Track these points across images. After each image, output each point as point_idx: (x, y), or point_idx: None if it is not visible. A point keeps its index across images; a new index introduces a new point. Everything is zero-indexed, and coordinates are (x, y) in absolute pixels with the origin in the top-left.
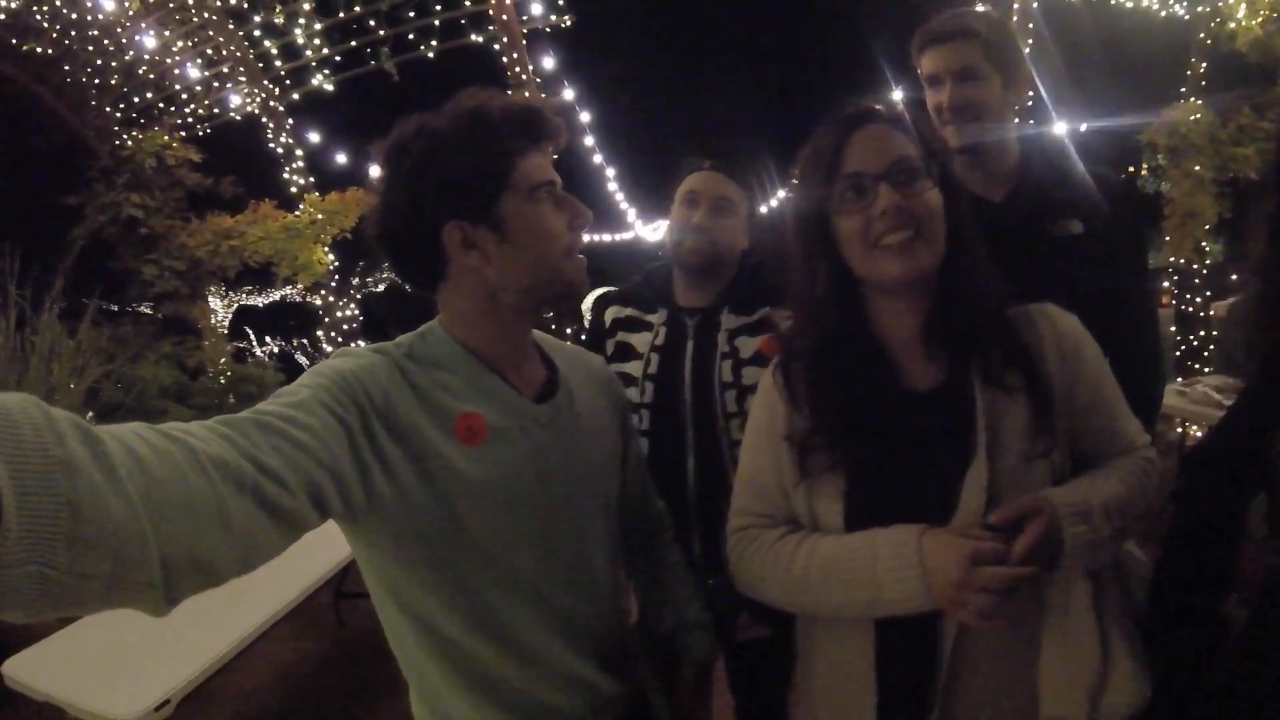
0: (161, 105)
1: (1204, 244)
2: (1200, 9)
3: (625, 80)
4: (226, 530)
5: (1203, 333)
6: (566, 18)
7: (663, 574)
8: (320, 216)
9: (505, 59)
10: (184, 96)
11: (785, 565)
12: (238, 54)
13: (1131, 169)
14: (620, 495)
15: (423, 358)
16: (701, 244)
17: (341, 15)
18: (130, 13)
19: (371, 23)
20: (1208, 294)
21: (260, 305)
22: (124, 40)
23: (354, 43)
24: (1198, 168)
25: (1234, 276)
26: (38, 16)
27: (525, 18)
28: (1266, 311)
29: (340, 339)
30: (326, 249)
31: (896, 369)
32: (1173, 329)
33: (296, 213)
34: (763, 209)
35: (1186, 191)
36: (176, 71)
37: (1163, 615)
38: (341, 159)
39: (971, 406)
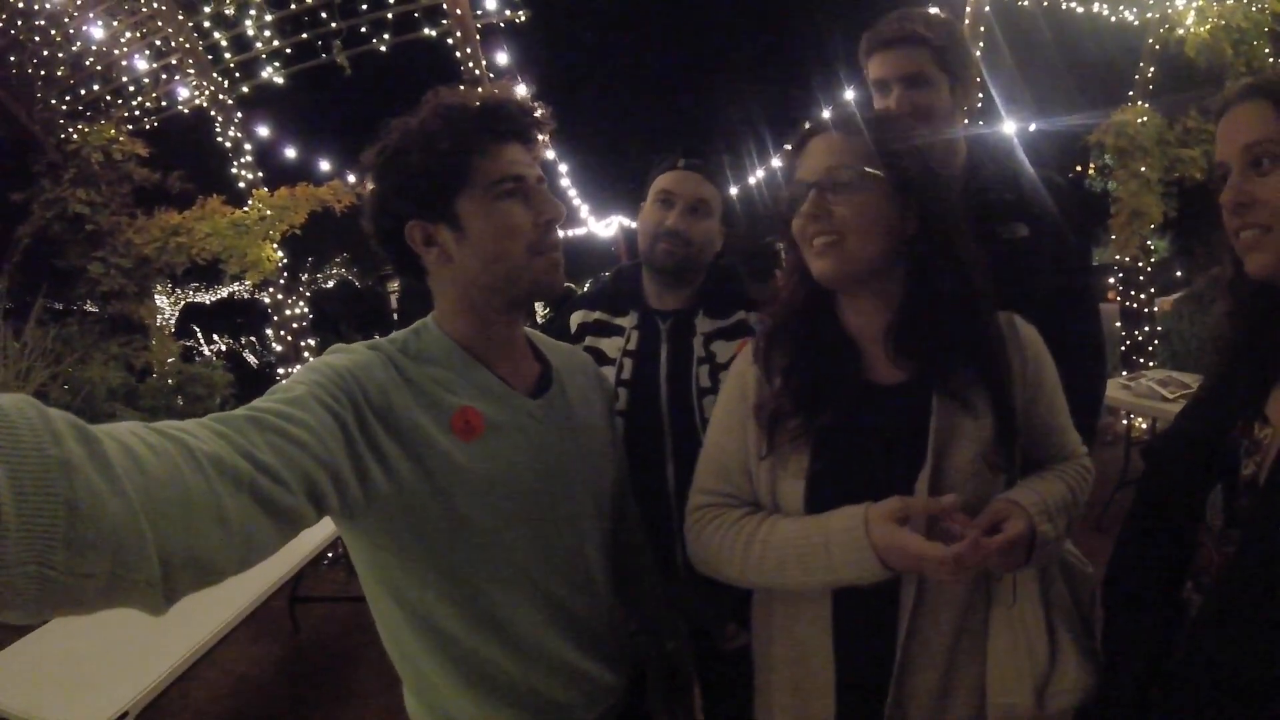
0: (109, 98)
1: (1149, 242)
2: (1150, 15)
3: (578, 77)
4: (224, 528)
5: (1147, 328)
6: (521, 13)
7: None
8: (269, 213)
9: (459, 54)
10: (131, 89)
11: (744, 546)
12: (186, 45)
13: (1079, 168)
14: (612, 490)
15: (417, 353)
16: (676, 246)
17: (293, 7)
18: (78, 1)
19: (324, 15)
20: (1152, 290)
21: (207, 302)
22: (71, 31)
23: (305, 35)
24: (1144, 168)
25: (1178, 273)
26: None
27: (480, 12)
28: (1230, 322)
29: (290, 337)
30: (275, 246)
31: (862, 361)
32: (1118, 324)
33: (245, 208)
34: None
35: (1133, 191)
36: (124, 63)
37: (1120, 600)
38: (291, 154)
39: (927, 412)
